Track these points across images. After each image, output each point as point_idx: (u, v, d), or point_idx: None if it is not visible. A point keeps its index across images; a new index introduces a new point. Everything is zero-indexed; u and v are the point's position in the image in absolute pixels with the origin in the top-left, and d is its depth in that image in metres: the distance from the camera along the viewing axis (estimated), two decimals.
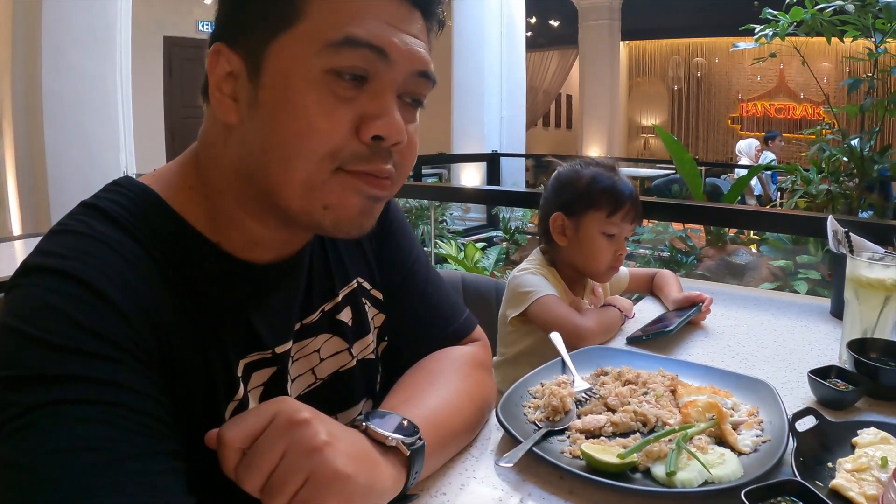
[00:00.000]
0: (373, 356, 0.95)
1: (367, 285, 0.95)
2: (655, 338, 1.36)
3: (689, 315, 1.44)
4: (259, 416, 0.61)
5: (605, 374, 1.11)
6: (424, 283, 1.01)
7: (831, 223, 1.58)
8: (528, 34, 9.41)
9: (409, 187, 4.65)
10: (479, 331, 1.06)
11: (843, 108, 4.14)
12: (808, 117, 12.20)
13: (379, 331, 0.97)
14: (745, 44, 4.41)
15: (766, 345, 1.39)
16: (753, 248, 5.54)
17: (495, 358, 1.59)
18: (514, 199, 3.74)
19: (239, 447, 0.60)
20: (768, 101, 12.78)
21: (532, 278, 1.50)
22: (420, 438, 0.73)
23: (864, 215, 4.29)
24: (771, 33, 4.05)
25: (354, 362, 0.91)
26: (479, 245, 4.72)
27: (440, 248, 4.42)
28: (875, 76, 3.82)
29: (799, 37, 4.02)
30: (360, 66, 0.66)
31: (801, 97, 12.36)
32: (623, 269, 1.72)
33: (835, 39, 3.86)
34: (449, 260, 4.35)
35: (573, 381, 1.07)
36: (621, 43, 12.70)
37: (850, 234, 1.50)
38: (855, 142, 4.14)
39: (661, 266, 4.91)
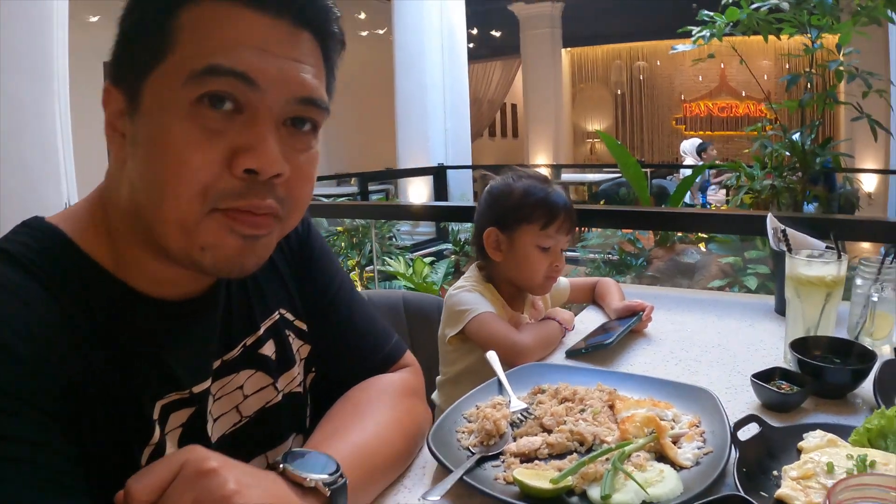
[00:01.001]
0: (300, 389, 0.92)
1: (289, 316, 0.91)
2: (594, 350, 1.30)
3: (630, 325, 1.40)
4: (166, 467, 0.58)
5: (542, 391, 1.06)
6: (349, 311, 0.97)
7: (770, 221, 1.53)
8: (471, 45, 9.37)
9: (351, 207, 4.54)
10: (408, 356, 1.03)
11: (784, 103, 4.15)
12: (751, 114, 12.48)
13: (305, 362, 0.93)
14: (683, 46, 4.40)
15: (709, 349, 1.34)
16: (702, 247, 5.54)
17: (438, 378, 1.55)
18: (456, 213, 3.60)
19: (147, 500, 0.57)
20: (711, 101, 13.00)
21: (468, 296, 1.44)
22: (342, 476, 0.69)
23: (810, 208, 4.32)
24: (708, 34, 4.05)
25: (280, 397, 0.87)
26: (428, 260, 4.60)
27: (388, 265, 4.30)
28: (813, 71, 3.83)
29: (737, 36, 4.02)
30: (227, 93, 0.62)
31: (742, 95, 12.60)
32: (563, 280, 1.67)
33: (772, 37, 3.87)
34: (398, 277, 4.24)
35: (509, 402, 1.01)
36: (563, 50, 12.77)
37: (788, 231, 1.45)
38: (796, 136, 4.17)
39: (610, 270, 4.88)
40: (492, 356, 1.16)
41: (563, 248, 1.48)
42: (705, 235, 5.38)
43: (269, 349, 0.86)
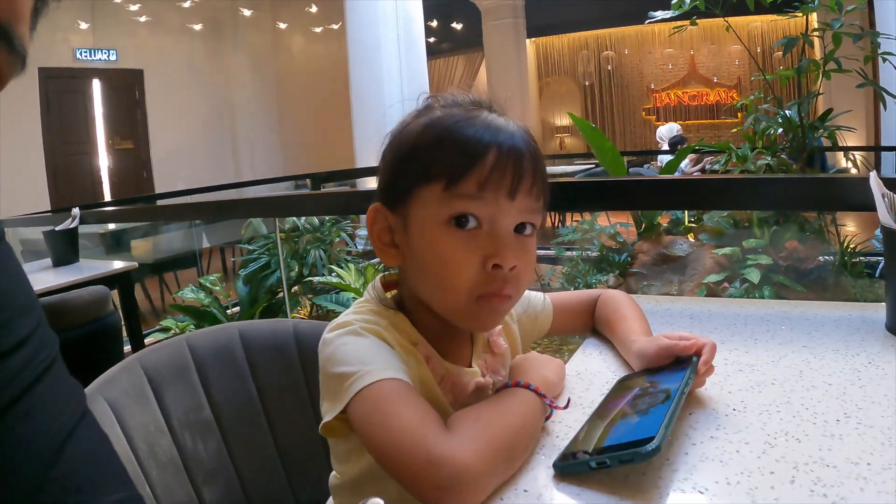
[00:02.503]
0: None
1: None
2: (620, 465, 0.63)
3: (681, 390, 0.71)
4: None
5: None
6: None
7: (877, 185, 0.99)
8: (432, 39, 8.86)
9: (301, 199, 3.93)
10: None
11: (778, 73, 3.67)
12: (723, 101, 12.10)
13: None
14: (662, 13, 3.93)
15: (823, 415, 0.74)
16: (691, 238, 5.07)
17: (332, 477, 0.89)
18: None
19: None
20: (681, 90, 12.60)
21: (353, 344, 0.75)
22: None
23: None
24: (688, 0, 3.61)
25: None
26: (381, 266, 4.04)
27: (336, 274, 3.72)
28: (812, 34, 3.37)
29: (709, 19, 3.59)
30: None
31: (714, 81, 12.21)
32: (538, 297, 1.04)
33: (742, 20, 3.43)
34: (346, 290, 3.66)
35: None
36: (528, 41, 12.28)
37: None
38: (792, 111, 3.72)
39: (590, 269, 4.36)
40: None
41: (512, 224, 0.76)
42: (694, 224, 4.93)
43: None
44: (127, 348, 3.00)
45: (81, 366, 0.68)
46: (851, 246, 4.18)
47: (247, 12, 8.47)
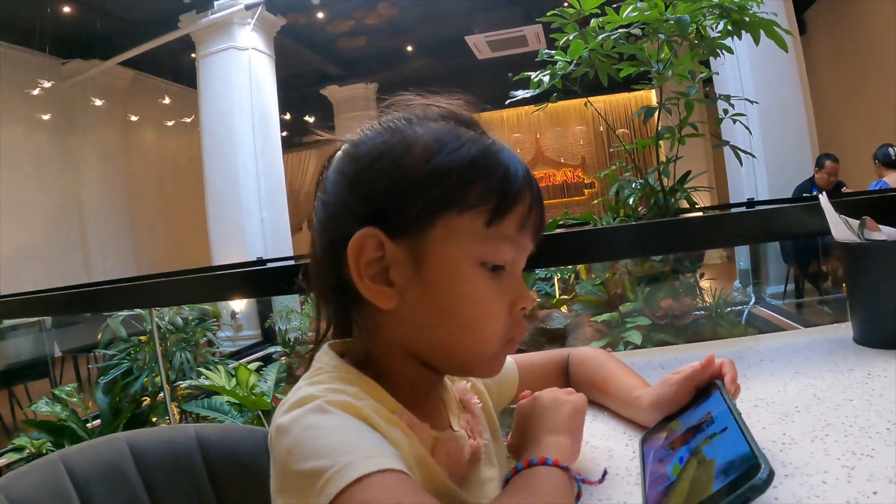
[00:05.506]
0: None
1: None
2: None
3: (734, 410, 0.62)
4: None
5: None
6: None
7: (828, 209, 1.02)
8: (284, 133, 8.74)
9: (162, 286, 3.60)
10: None
11: (637, 141, 3.87)
12: (569, 181, 12.78)
13: None
14: (523, 92, 4.06)
15: (858, 421, 0.70)
16: (565, 310, 5.16)
17: None
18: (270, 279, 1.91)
19: None
20: None
21: (320, 427, 0.55)
22: None
23: None
24: (547, 79, 3.76)
25: None
26: (254, 366, 3.72)
27: (206, 377, 3.41)
28: (668, 103, 3.58)
29: (558, 102, 3.76)
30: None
31: (560, 162, 12.88)
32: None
33: (581, 102, 3.66)
34: (219, 392, 3.33)
35: None
36: None
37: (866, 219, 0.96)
38: (651, 176, 3.92)
39: None
40: None
41: (524, 265, 0.70)
42: (567, 297, 5.03)
43: None
44: None
45: None
46: (721, 297, 4.40)
47: (98, 102, 8.00)
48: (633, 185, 4.04)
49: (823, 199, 1.05)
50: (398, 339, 0.66)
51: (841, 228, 1.02)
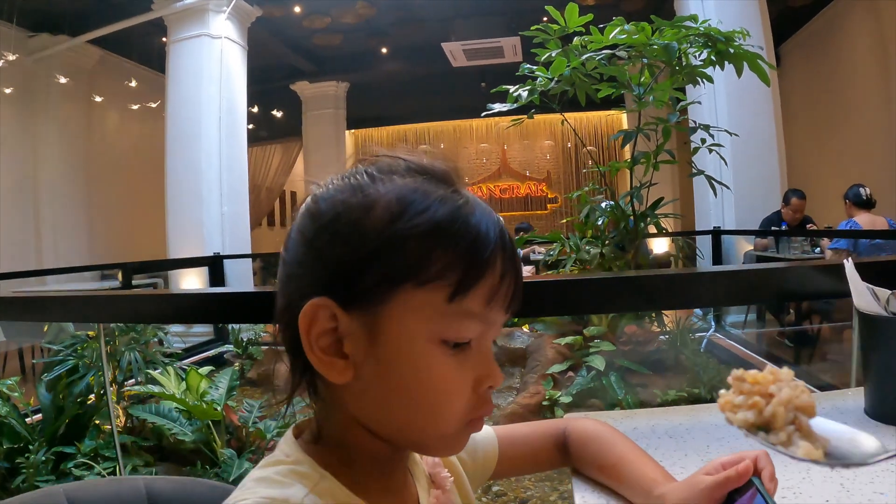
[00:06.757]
0: None
1: None
2: None
3: None
4: None
5: None
6: None
7: (852, 275, 0.97)
8: (250, 126, 8.56)
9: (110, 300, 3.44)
10: None
11: (611, 164, 3.86)
12: (533, 195, 12.82)
13: None
14: (500, 106, 4.02)
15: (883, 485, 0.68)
16: (526, 329, 5.13)
17: None
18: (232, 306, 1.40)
19: None
20: (493, 183, 13.19)
21: None
22: None
23: None
24: (526, 94, 3.73)
25: None
26: (205, 370, 3.57)
27: (155, 380, 3.26)
28: (647, 128, 3.57)
29: (528, 119, 3.74)
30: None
31: (525, 175, 12.92)
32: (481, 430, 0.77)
33: (552, 117, 3.64)
34: (170, 401, 3.18)
35: None
36: (347, 132, 12.37)
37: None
38: (622, 201, 3.91)
39: None
40: None
41: (494, 338, 0.67)
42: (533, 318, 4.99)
43: None
44: None
45: None
46: (683, 326, 4.42)
47: (63, 80, 7.70)
48: (604, 206, 4.04)
49: (849, 265, 1.01)
50: (355, 413, 0.60)
51: (867, 299, 0.97)
